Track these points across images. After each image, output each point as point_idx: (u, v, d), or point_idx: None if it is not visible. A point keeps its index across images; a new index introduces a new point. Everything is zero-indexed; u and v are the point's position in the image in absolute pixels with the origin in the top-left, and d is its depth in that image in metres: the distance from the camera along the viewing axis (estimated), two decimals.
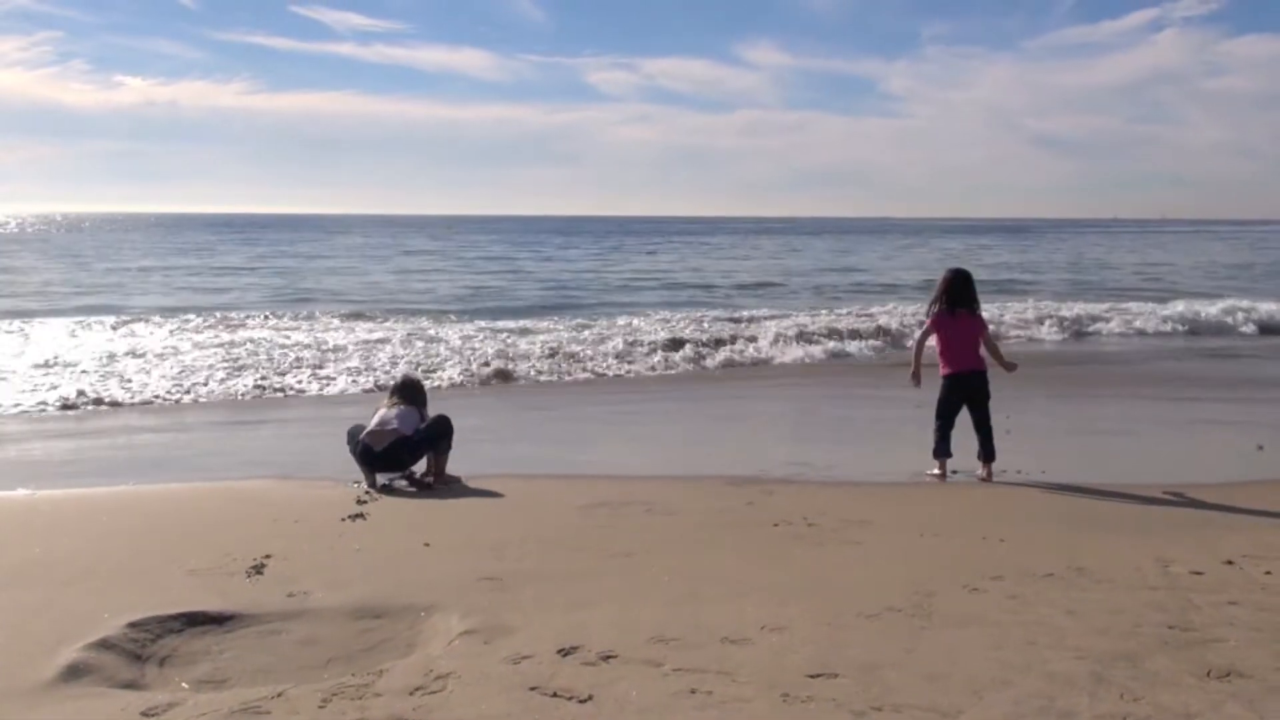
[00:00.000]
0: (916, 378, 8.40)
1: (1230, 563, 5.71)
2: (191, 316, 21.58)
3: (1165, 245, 72.55)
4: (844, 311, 22.57)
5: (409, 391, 8.19)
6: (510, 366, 14.63)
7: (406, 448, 7.69)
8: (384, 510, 6.97)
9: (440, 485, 7.77)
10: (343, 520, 6.67)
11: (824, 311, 22.76)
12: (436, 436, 7.83)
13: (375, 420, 7.77)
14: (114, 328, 19.36)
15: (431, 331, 18.71)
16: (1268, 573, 5.54)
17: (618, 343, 16.62)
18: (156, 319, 20.78)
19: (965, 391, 8.09)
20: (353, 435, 7.85)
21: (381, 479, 7.67)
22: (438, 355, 15.44)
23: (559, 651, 4.28)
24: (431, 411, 8.10)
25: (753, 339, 17.77)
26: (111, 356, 14.99)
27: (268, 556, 5.65)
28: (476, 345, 16.51)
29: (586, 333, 18.53)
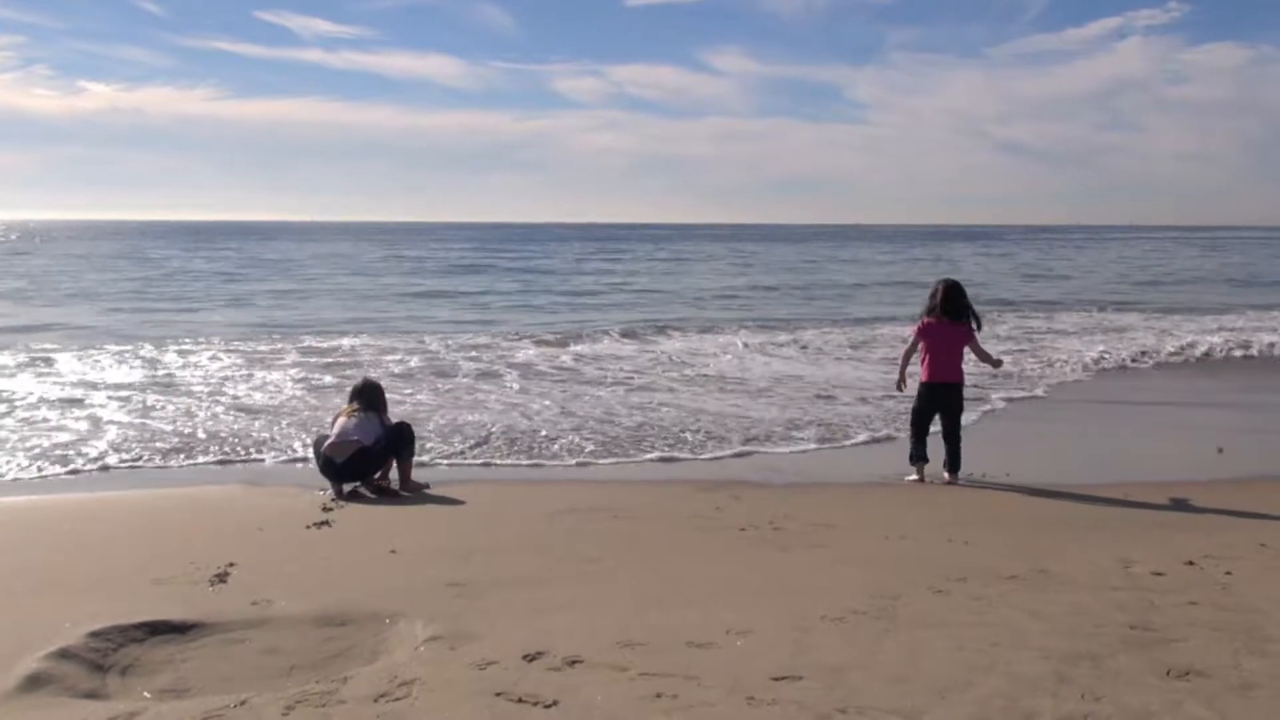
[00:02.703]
0: (902, 385, 8.65)
1: (1191, 563, 5.78)
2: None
3: (1104, 250, 72.94)
4: None
5: (369, 396, 8.12)
6: None
7: (368, 458, 7.65)
8: (350, 518, 6.94)
9: (406, 493, 7.73)
10: (308, 528, 6.64)
11: None
12: (398, 445, 7.79)
13: (336, 431, 7.72)
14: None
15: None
16: (1228, 573, 5.60)
17: None
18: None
19: (940, 401, 8.18)
20: (316, 447, 7.81)
21: (348, 487, 7.63)
22: None
23: (524, 657, 4.26)
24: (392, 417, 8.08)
25: None
26: None
27: (231, 565, 5.61)
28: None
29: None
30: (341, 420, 7.83)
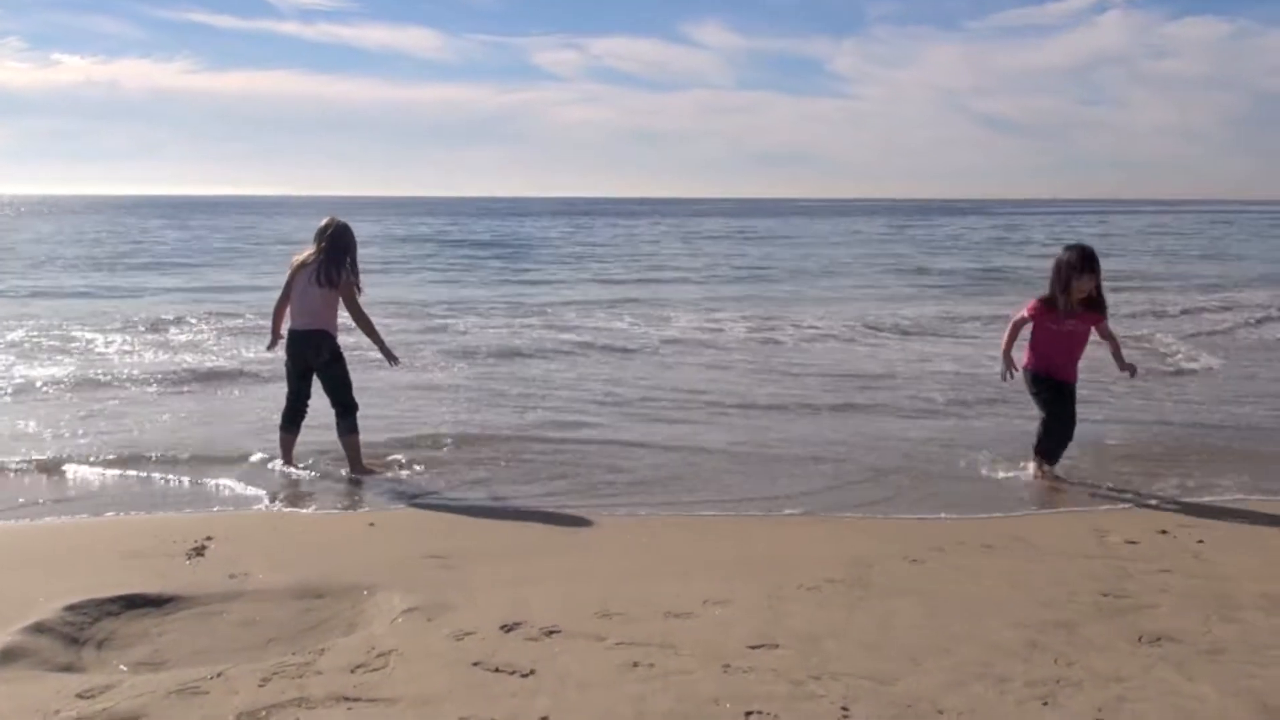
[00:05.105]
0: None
1: (1165, 532, 5.84)
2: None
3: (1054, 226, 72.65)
4: None
5: (336, 240, 7.29)
6: None
7: (325, 344, 7.27)
8: (328, 491, 6.92)
9: (358, 476, 7.25)
10: (282, 500, 6.64)
11: None
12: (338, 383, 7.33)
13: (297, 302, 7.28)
14: None
15: None
16: (1200, 541, 5.67)
17: None
18: None
19: None
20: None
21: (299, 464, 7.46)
22: None
23: (502, 627, 4.28)
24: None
25: None
26: None
27: (208, 538, 5.59)
28: None
29: None
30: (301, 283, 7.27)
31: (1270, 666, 3.94)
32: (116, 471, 7.36)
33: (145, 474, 7.27)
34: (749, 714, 3.51)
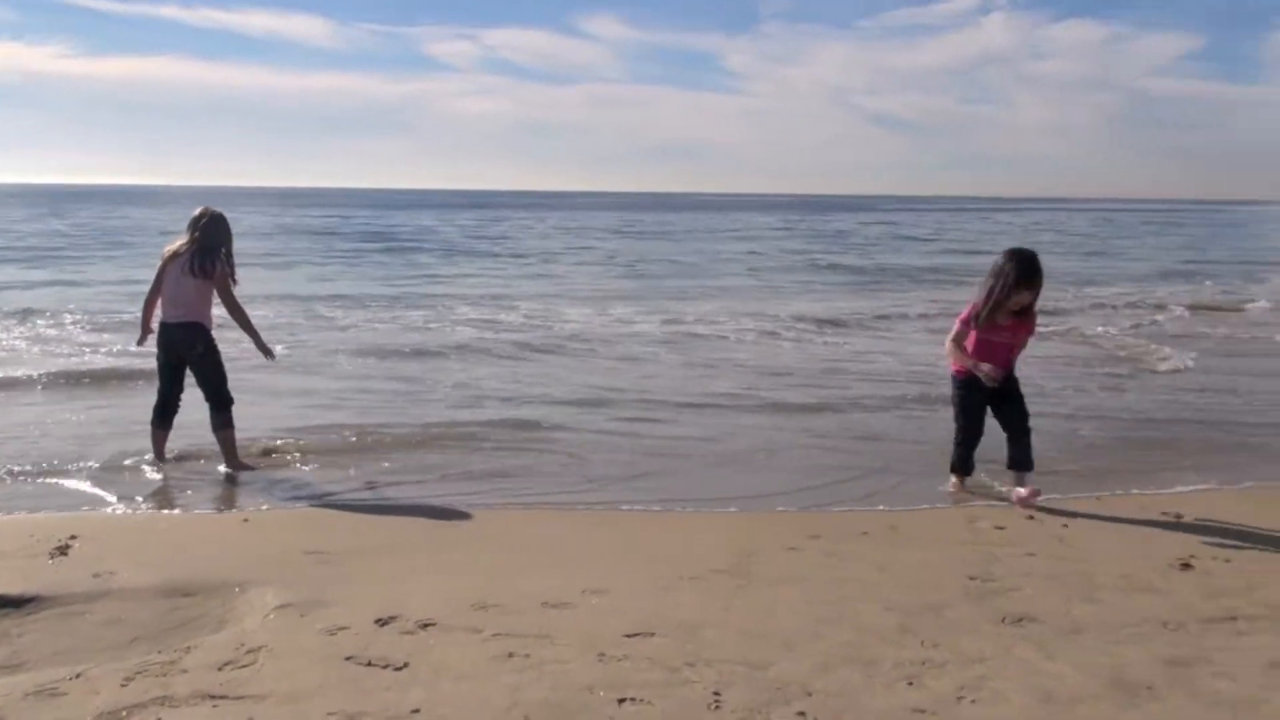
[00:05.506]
0: None
1: (1032, 518, 6.05)
2: None
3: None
4: None
5: (210, 230, 7.11)
6: None
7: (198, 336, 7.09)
8: (201, 488, 6.75)
9: (234, 472, 7.08)
10: (153, 497, 6.46)
11: None
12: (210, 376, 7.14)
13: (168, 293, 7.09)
14: None
15: None
16: (1065, 525, 5.89)
17: None
18: None
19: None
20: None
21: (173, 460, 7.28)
22: None
23: (377, 621, 4.23)
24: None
25: None
26: None
27: (73, 538, 5.40)
28: None
29: None
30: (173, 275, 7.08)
31: (1125, 644, 4.11)
32: None
33: (6, 473, 6.98)
34: (622, 701, 3.53)
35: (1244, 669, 3.88)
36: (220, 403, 7.11)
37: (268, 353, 7.41)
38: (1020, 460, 6.49)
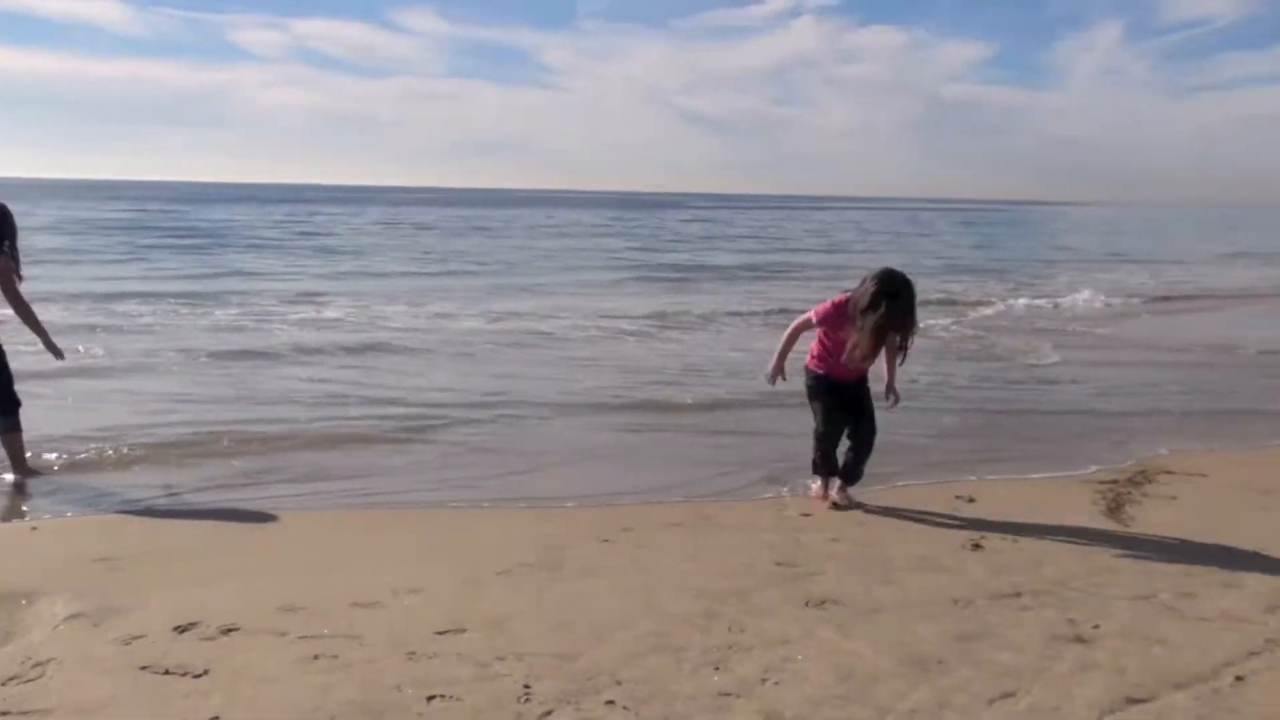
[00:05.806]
0: None
1: (836, 505, 6.26)
2: None
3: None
4: None
5: None
6: None
7: None
8: None
9: (21, 478, 6.69)
10: None
11: None
12: None
13: None
14: None
15: None
16: (867, 511, 6.14)
17: None
18: None
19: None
20: None
21: None
22: None
23: (175, 628, 4.08)
24: None
25: None
26: None
27: None
28: None
29: None
30: None
31: (919, 622, 4.32)
32: None
33: None
34: (431, 698, 3.51)
35: (1027, 641, 4.14)
36: (6, 405, 6.71)
37: (56, 352, 7.02)
38: (852, 474, 6.37)
